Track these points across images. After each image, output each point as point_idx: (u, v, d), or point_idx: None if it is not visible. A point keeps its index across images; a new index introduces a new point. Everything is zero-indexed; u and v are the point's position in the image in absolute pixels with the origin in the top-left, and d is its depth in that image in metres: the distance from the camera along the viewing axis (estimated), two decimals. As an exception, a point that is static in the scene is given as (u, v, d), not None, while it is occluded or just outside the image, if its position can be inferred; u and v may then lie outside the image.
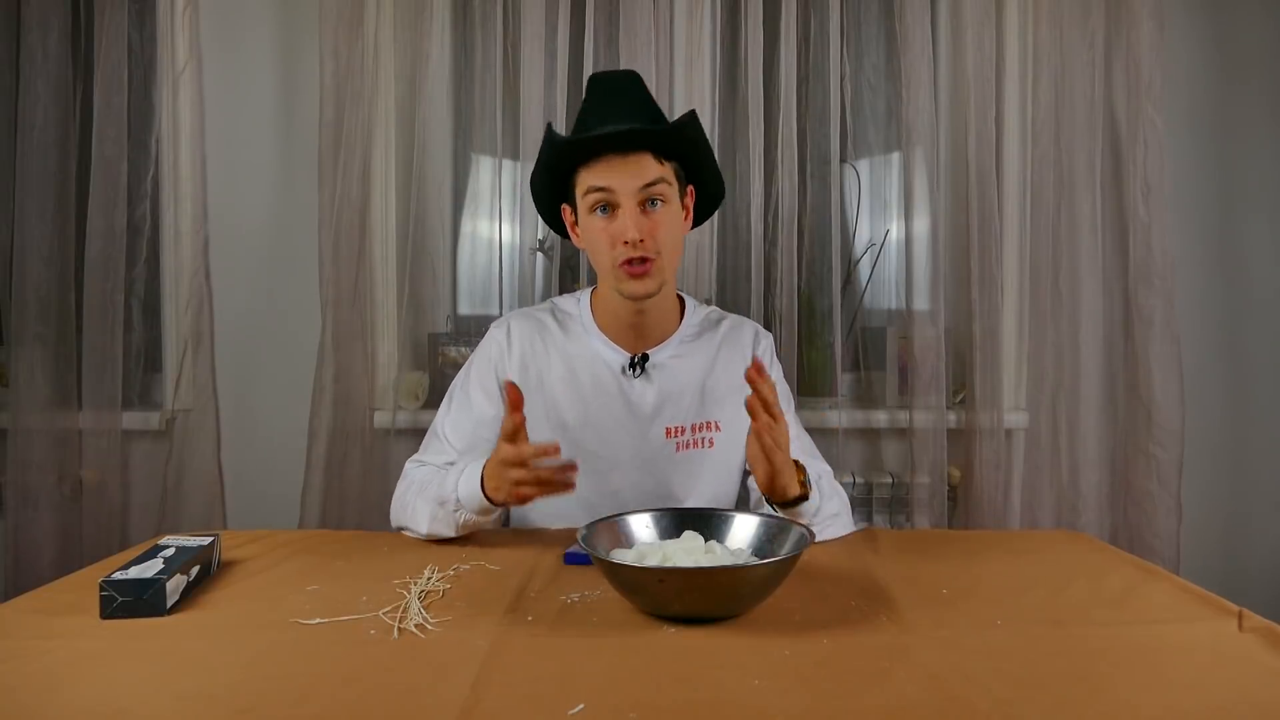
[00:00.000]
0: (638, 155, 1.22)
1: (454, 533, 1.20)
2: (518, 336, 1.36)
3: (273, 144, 2.05)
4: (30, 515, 1.94)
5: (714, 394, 1.35)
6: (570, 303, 1.41)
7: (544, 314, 1.39)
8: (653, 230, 1.23)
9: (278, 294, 2.05)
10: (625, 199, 1.22)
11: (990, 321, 1.94)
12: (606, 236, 1.24)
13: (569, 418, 1.32)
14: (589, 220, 1.26)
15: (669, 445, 1.33)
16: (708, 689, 0.74)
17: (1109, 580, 1.04)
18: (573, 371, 1.33)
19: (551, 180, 1.32)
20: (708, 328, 1.40)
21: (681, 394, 1.34)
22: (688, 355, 1.36)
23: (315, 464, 1.93)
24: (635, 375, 1.32)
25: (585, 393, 1.33)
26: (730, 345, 1.39)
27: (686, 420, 1.34)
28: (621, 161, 1.22)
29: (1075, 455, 1.96)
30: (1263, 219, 2.07)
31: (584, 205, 1.26)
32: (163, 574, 0.93)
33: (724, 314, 1.45)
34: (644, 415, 1.33)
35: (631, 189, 1.22)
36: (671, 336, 1.36)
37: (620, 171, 1.22)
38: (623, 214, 1.22)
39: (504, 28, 2.01)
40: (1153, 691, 0.74)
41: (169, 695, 0.74)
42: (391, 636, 0.86)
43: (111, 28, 1.92)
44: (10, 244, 1.95)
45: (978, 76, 1.94)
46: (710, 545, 0.99)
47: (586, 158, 1.24)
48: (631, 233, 1.21)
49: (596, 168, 1.23)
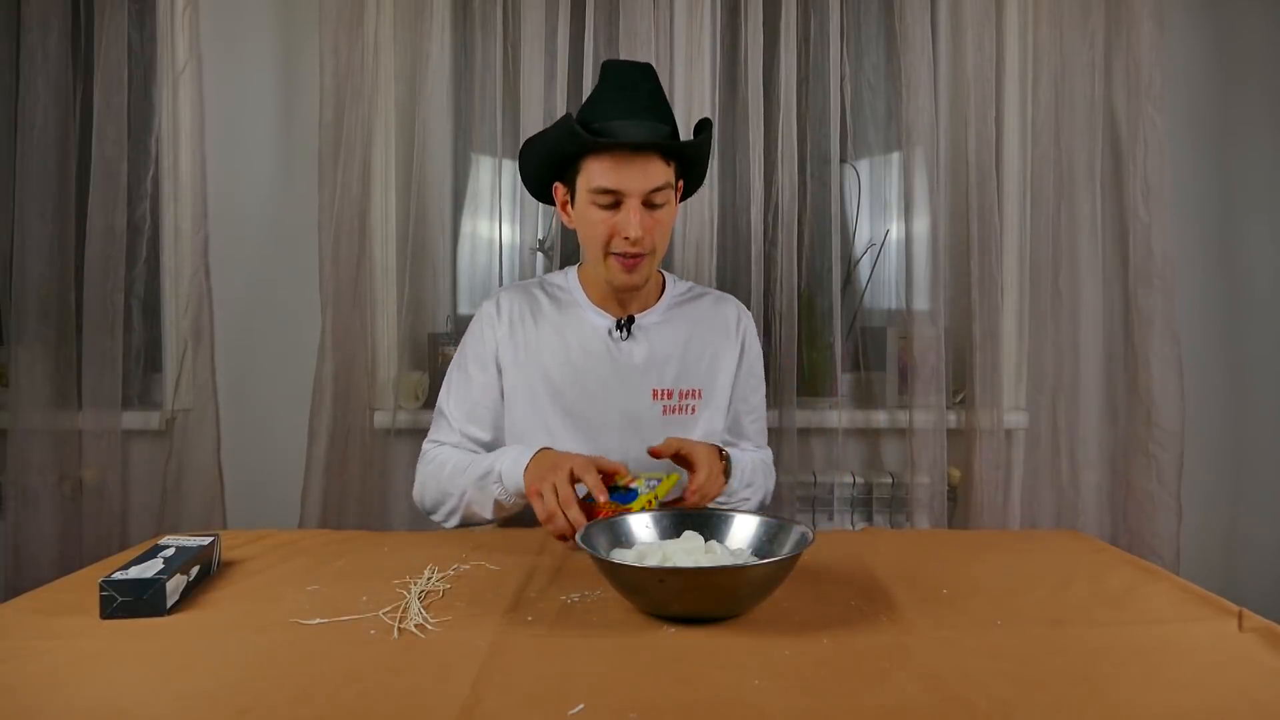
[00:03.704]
0: (648, 156, 1.26)
1: (487, 514, 1.28)
2: (507, 308, 1.41)
3: (273, 144, 2.05)
4: (30, 515, 1.94)
5: (698, 364, 1.42)
6: (559, 277, 1.47)
7: (534, 288, 1.46)
8: (651, 229, 1.29)
9: (278, 294, 2.05)
10: (630, 199, 1.26)
11: (990, 321, 1.95)
12: (606, 229, 1.29)
13: (559, 381, 1.37)
14: (590, 210, 1.29)
15: (656, 407, 1.39)
16: (708, 689, 0.74)
17: (1109, 580, 1.04)
18: (562, 337, 1.39)
19: (552, 160, 1.34)
20: (690, 299, 1.47)
21: (667, 357, 1.40)
22: (672, 321, 1.43)
23: (315, 464, 1.93)
24: (623, 337, 1.39)
25: (574, 355, 1.38)
26: (713, 319, 1.46)
27: (674, 385, 1.40)
28: (631, 160, 1.26)
29: (1075, 455, 1.97)
30: (1263, 219, 2.07)
31: (586, 196, 1.29)
32: (163, 574, 0.93)
33: (705, 289, 1.52)
34: (632, 375, 1.38)
35: (639, 190, 1.26)
36: (655, 304, 1.43)
37: (629, 172, 1.25)
38: (626, 210, 1.27)
39: (504, 28, 2.01)
40: (1153, 691, 0.74)
41: (169, 695, 0.74)
42: (391, 636, 0.86)
43: (111, 28, 1.92)
44: (10, 244, 1.95)
45: (978, 76, 1.94)
46: (710, 545, 0.99)
47: (598, 149, 1.27)
48: (634, 230, 1.26)
49: (605, 162, 1.26)
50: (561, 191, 1.36)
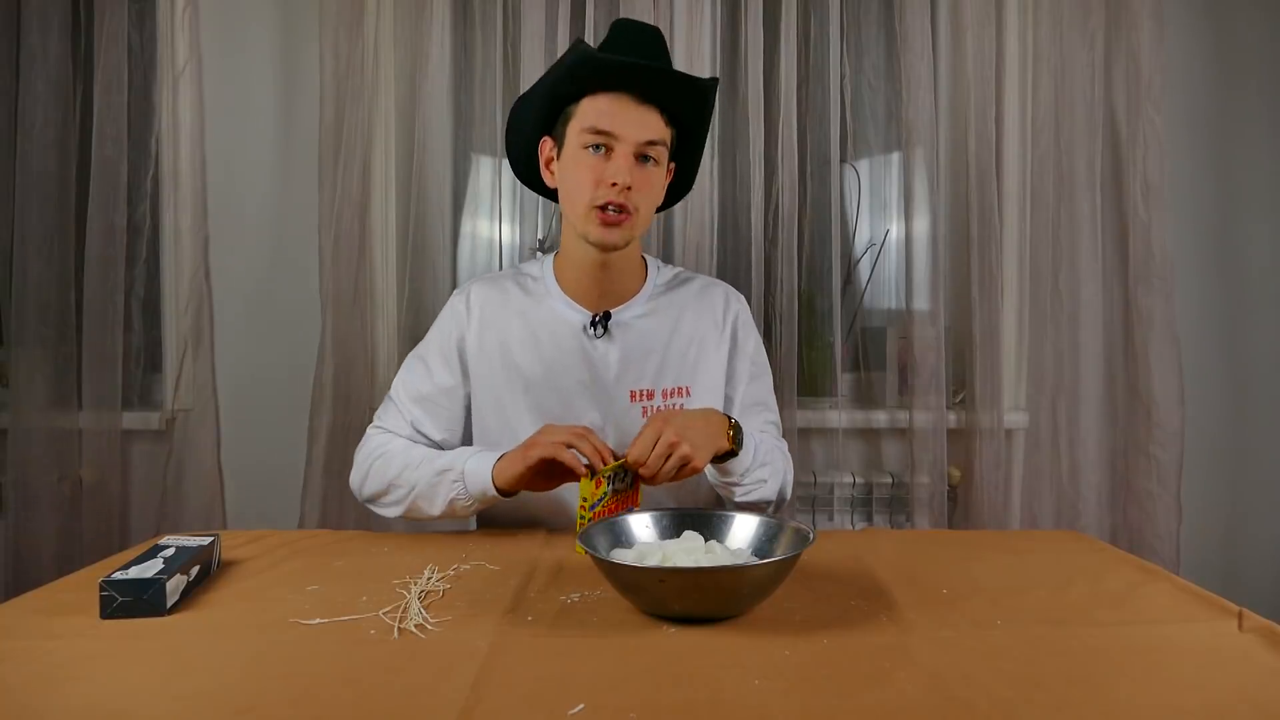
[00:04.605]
0: (649, 108, 1.21)
1: (435, 512, 1.22)
2: (477, 302, 1.34)
3: (273, 144, 2.05)
4: (30, 515, 1.94)
5: (684, 357, 1.33)
6: (534, 266, 1.38)
7: (506, 279, 1.37)
8: (640, 184, 1.21)
9: (278, 294, 2.05)
10: (623, 146, 1.20)
11: (990, 321, 1.95)
12: (593, 175, 1.20)
13: (531, 379, 1.30)
14: (579, 155, 1.22)
15: (635, 409, 1.30)
16: (708, 689, 0.74)
17: (1109, 580, 1.04)
18: (533, 333, 1.31)
19: (546, 105, 1.26)
20: (675, 286, 1.38)
21: (646, 355, 1.31)
22: (652, 314, 1.33)
23: (315, 464, 1.93)
24: (597, 335, 1.30)
25: (546, 353, 1.30)
26: (700, 306, 1.36)
27: (654, 384, 1.31)
28: (632, 106, 1.20)
29: (1075, 455, 1.97)
30: (1263, 219, 2.07)
31: (577, 140, 1.22)
32: (163, 574, 0.93)
33: (693, 274, 1.42)
34: (607, 377, 1.30)
35: (633, 139, 1.20)
36: (635, 295, 1.34)
37: (627, 118, 1.19)
38: (616, 158, 1.20)
39: (504, 28, 2.01)
40: (1153, 691, 0.74)
41: (169, 695, 0.74)
42: (391, 636, 0.86)
43: (111, 28, 1.92)
44: (10, 244, 1.95)
45: (978, 76, 1.95)
46: (710, 545, 0.99)
47: (599, 87, 1.20)
48: (623, 177, 1.18)
49: (604, 103, 1.20)
50: (549, 146, 1.28)
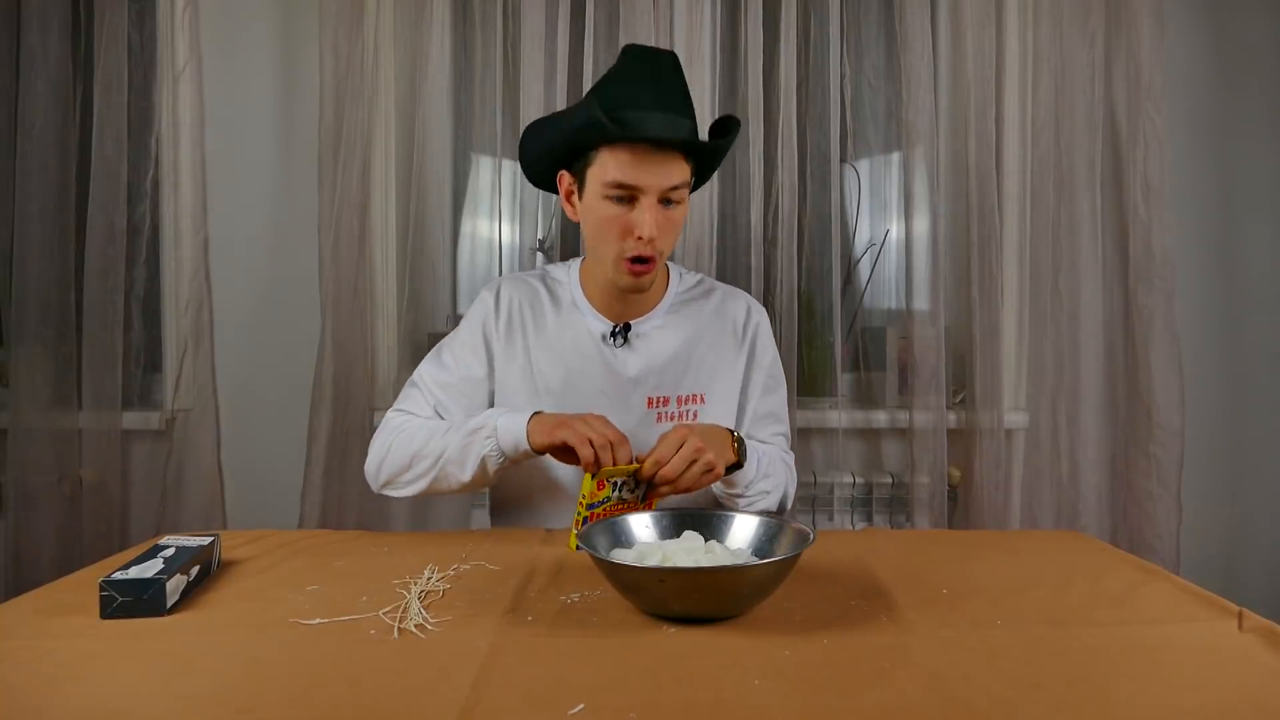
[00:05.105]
0: (671, 154, 1.20)
1: (465, 476, 1.21)
2: (506, 299, 1.35)
3: (273, 144, 2.05)
4: (30, 515, 1.94)
5: (701, 366, 1.35)
6: (562, 271, 1.40)
7: (535, 279, 1.39)
8: (664, 229, 1.22)
9: (278, 294, 2.05)
10: (647, 197, 1.20)
11: (990, 321, 1.94)
12: (618, 227, 1.21)
13: (551, 383, 1.32)
14: (601, 205, 1.22)
15: (650, 415, 1.32)
16: (708, 689, 0.74)
17: (1109, 580, 1.04)
18: (557, 338, 1.33)
19: (565, 146, 1.26)
20: (697, 297, 1.39)
21: (666, 365, 1.33)
22: (672, 325, 1.35)
23: (315, 464, 1.93)
24: (618, 345, 1.32)
25: (567, 359, 1.32)
26: (720, 317, 1.38)
27: (670, 391, 1.33)
28: (653, 157, 1.18)
29: (1075, 455, 1.97)
30: (1263, 219, 2.07)
31: (599, 190, 1.21)
32: (163, 574, 0.93)
33: (716, 284, 1.44)
34: (625, 384, 1.32)
35: (657, 188, 1.19)
36: (656, 306, 1.36)
37: (649, 169, 1.18)
38: (641, 209, 1.20)
39: (504, 28, 2.01)
40: (1153, 691, 0.74)
41: (169, 695, 0.74)
42: (391, 636, 0.86)
43: (111, 28, 1.92)
44: (10, 244, 1.95)
45: (978, 76, 1.95)
46: (710, 545, 0.99)
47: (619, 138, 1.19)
48: (650, 230, 1.19)
49: (625, 155, 1.18)
50: (568, 180, 1.28)
